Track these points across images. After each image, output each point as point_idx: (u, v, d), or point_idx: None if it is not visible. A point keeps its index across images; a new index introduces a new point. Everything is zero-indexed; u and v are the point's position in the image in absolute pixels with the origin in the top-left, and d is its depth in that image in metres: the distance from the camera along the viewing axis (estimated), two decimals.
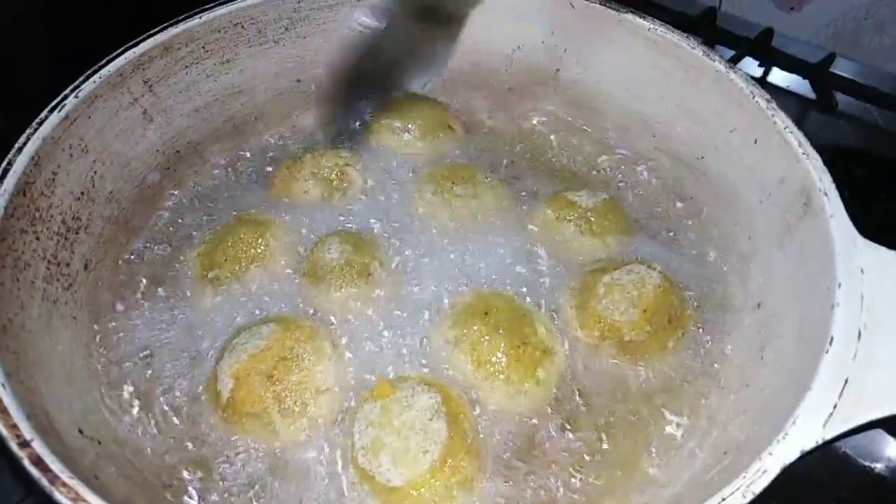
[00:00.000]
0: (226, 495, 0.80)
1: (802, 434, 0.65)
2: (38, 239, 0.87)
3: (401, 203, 1.06)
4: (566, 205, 1.01)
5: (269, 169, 1.14)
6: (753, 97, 0.96)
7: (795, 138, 0.90)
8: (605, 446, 0.82)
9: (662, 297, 0.88)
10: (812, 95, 1.50)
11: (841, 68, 1.51)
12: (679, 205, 1.07)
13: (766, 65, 1.56)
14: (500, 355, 0.84)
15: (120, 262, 1.02)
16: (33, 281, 0.85)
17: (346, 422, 0.82)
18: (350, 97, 1.13)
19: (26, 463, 0.62)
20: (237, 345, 0.85)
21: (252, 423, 0.81)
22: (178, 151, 1.13)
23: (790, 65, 1.53)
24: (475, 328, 0.86)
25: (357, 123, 1.18)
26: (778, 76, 1.54)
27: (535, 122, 1.22)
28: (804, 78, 1.52)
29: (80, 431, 0.77)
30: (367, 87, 1.13)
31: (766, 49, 1.55)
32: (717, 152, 1.03)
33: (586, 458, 0.81)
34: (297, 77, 1.22)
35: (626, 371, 0.87)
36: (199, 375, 0.88)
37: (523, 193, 1.07)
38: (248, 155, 1.17)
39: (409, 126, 1.14)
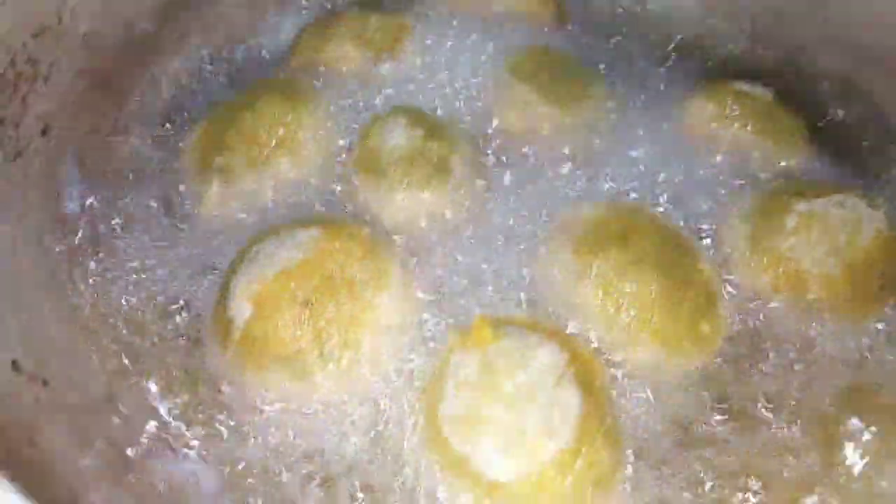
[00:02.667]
0: (227, 470, 0.54)
1: None
2: None
3: (483, 87, 0.76)
4: (733, 96, 0.72)
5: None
6: None
7: None
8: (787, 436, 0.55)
9: (883, 251, 0.60)
10: None
11: None
12: (860, 113, 0.78)
13: None
14: (649, 299, 0.57)
15: (94, 134, 0.72)
16: None
17: (416, 377, 0.56)
18: None
19: None
20: (259, 254, 0.58)
21: (277, 369, 0.55)
22: None
23: None
24: (611, 257, 0.59)
25: None
26: None
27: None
28: None
29: (15, 365, 0.50)
30: None
31: None
32: None
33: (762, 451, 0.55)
34: None
35: (813, 337, 0.60)
36: (200, 295, 0.61)
37: (657, 85, 0.78)
38: (278, 5, 0.86)
39: None
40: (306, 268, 0.56)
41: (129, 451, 0.53)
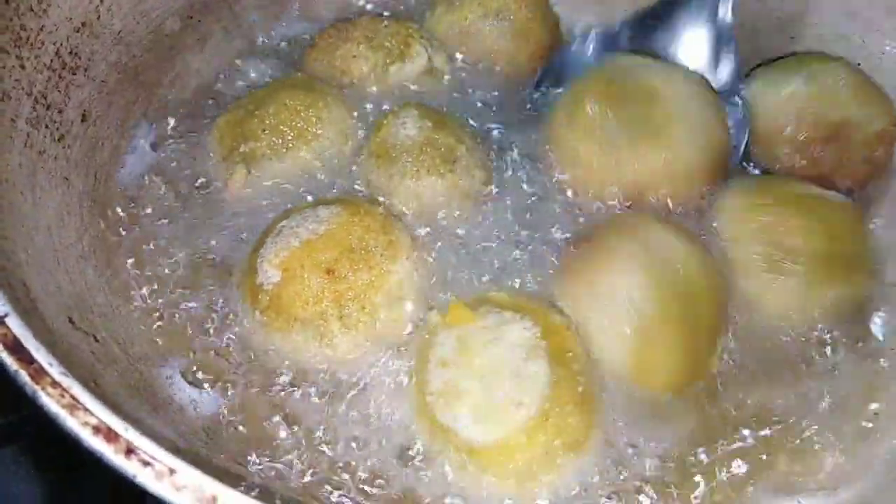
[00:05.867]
0: (253, 424, 0.60)
1: None
2: (22, 67, 0.66)
3: (485, 87, 0.84)
4: None
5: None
6: None
7: None
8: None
9: None
10: None
11: None
12: None
13: None
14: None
15: (127, 121, 0.79)
16: (14, 119, 0.63)
17: (418, 344, 0.62)
18: None
19: None
20: (285, 228, 0.64)
21: (300, 330, 0.61)
22: None
23: None
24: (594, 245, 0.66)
25: None
26: None
27: None
28: None
29: (71, 321, 0.56)
30: None
31: None
32: None
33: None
34: None
35: None
36: (228, 266, 0.68)
37: None
38: (293, 11, 0.93)
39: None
40: (329, 239, 0.62)
41: (172, 398, 0.60)
